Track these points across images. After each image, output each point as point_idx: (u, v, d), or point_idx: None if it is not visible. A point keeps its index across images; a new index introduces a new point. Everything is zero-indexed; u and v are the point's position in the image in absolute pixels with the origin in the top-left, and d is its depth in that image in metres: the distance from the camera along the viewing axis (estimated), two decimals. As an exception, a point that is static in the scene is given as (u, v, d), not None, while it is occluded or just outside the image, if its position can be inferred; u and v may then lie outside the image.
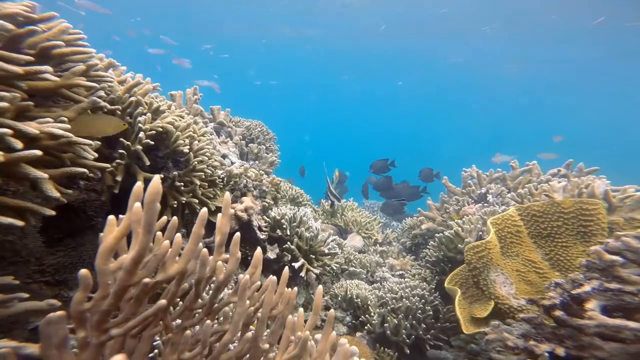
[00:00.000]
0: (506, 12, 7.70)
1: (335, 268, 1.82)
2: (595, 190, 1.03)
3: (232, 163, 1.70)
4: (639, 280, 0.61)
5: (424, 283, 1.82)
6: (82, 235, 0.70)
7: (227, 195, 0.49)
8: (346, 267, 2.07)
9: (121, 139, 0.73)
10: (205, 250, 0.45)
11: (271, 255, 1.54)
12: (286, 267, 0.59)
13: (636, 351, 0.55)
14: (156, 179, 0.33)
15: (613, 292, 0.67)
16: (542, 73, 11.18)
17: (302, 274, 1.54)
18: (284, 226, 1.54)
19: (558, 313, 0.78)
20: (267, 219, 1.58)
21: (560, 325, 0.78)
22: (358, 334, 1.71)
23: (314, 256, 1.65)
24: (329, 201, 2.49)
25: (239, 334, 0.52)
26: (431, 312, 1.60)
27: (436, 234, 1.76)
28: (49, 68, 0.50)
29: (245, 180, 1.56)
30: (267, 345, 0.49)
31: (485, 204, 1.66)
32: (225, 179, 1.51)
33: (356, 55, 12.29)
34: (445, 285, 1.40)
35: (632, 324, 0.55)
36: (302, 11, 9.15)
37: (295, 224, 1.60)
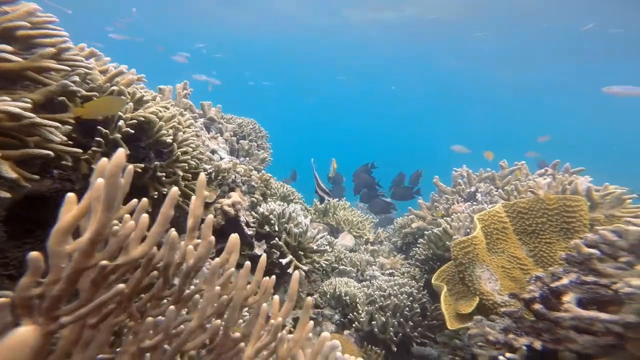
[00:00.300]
0: (498, 17, 7.82)
1: (324, 265, 1.82)
2: (578, 187, 1.04)
3: (221, 159, 1.69)
4: (613, 272, 0.62)
5: (413, 281, 1.82)
6: (54, 226, 0.68)
7: (202, 175, 0.48)
8: (336, 265, 2.06)
9: (99, 127, 0.72)
10: (174, 233, 0.44)
11: (258, 251, 1.52)
12: (263, 254, 0.58)
13: (606, 343, 0.55)
14: (120, 151, 0.32)
15: (589, 284, 0.67)
16: (534, 75, 11.35)
17: (290, 270, 1.53)
18: (272, 222, 1.53)
19: (537, 306, 0.78)
20: (255, 215, 1.57)
21: (539, 319, 0.78)
22: (346, 331, 1.70)
23: (302, 253, 1.64)
24: (319, 198, 2.47)
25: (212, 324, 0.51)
26: (419, 310, 1.60)
27: (425, 232, 1.76)
28: (7, 47, 0.48)
29: (233, 176, 1.54)
30: (237, 334, 0.49)
31: (474, 203, 1.67)
32: (214, 173, 1.50)
33: (352, 57, 12.38)
34: (433, 281, 1.40)
35: (603, 316, 0.56)
36: (296, 13, 9.18)
37: (284, 219, 1.59)
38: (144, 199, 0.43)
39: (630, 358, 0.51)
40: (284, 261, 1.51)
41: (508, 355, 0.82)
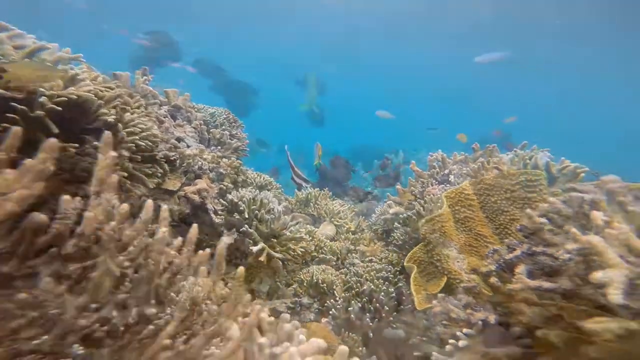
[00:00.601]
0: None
1: (300, 253, 1.78)
2: (538, 162, 1.04)
3: (188, 147, 1.63)
4: (559, 242, 0.60)
5: (390, 266, 1.81)
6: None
7: (107, 133, 0.43)
8: (316, 254, 2.04)
9: (13, 103, 0.66)
10: (64, 196, 0.39)
11: (228, 240, 1.48)
12: (194, 225, 0.54)
13: (550, 313, 0.53)
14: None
15: (538, 255, 0.65)
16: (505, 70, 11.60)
17: (262, 258, 1.49)
18: (241, 208, 1.49)
19: (493, 280, 0.77)
20: (224, 202, 1.52)
21: (495, 292, 0.77)
22: (324, 320, 1.68)
23: (276, 240, 1.60)
24: (297, 186, 2.42)
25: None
26: (395, 294, 1.59)
27: (400, 215, 1.75)
28: None
29: (200, 162, 1.49)
30: (153, 310, 0.45)
31: (448, 185, 1.66)
32: (178, 161, 1.44)
33: (335, 52, 12.39)
34: (405, 263, 1.39)
35: (545, 285, 0.54)
36: (279, 7, 9.05)
37: (255, 206, 1.55)
38: (28, 160, 0.38)
39: (566, 325, 0.50)
40: (254, 249, 1.47)
41: (465, 331, 0.81)
